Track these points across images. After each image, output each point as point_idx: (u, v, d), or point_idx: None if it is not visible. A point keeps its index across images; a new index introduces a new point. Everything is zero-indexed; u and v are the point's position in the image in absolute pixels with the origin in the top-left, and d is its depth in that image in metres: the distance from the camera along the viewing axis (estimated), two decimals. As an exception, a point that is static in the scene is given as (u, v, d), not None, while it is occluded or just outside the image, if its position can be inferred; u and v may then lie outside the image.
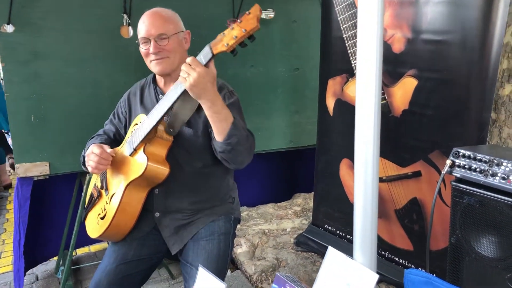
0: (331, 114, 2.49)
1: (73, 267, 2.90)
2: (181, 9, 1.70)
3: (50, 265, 3.00)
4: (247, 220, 3.01)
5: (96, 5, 2.39)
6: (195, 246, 1.63)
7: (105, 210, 1.64)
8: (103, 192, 1.71)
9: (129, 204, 1.59)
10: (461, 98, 1.84)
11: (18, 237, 2.41)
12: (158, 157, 1.54)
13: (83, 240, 2.74)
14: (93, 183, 1.83)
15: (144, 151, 1.53)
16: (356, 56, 1.36)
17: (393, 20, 2.04)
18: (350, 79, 2.33)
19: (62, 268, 2.68)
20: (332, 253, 1.22)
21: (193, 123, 1.60)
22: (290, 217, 3.07)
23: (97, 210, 1.70)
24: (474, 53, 1.77)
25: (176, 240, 1.66)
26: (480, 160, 1.45)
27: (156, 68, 1.60)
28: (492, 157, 1.43)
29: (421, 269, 2.00)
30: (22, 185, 2.38)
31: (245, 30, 1.27)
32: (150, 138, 1.55)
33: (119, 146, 1.71)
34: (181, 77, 1.38)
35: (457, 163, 1.52)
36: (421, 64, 1.96)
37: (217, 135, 1.46)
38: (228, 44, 1.30)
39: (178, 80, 1.42)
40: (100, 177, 1.75)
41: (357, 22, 1.34)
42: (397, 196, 2.16)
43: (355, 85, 1.37)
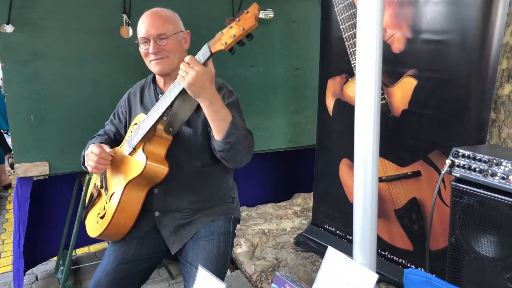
0: (331, 114, 2.49)
1: (73, 267, 2.90)
2: (181, 9, 1.70)
3: (50, 265, 3.00)
4: (247, 220, 3.01)
5: (96, 5, 2.39)
6: (195, 246, 1.63)
7: (105, 210, 1.64)
8: (103, 192, 1.71)
9: (129, 203, 1.59)
10: (461, 98, 1.84)
11: (18, 237, 2.41)
12: (157, 156, 1.54)
13: (83, 240, 2.74)
14: (93, 183, 1.83)
15: (143, 150, 1.53)
16: (356, 56, 1.36)
17: (393, 20, 2.04)
18: (350, 79, 2.33)
19: (62, 268, 2.68)
20: (332, 253, 1.22)
21: (193, 123, 1.60)
22: (290, 217, 3.07)
23: (97, 210, 1.70)
24: (474, 53, 1.77)
25: (176, 240, 1.66)
26: (480, 160, 1.45)
27: (156, 68, 1.60)
28: (492, 157, 1.43)
29: (421, 269, 2.01)
30: (22, 185, 2.38)
31: (243, 29, 1.27)
32: (149, 137, 1.55)
33: (119, 146, 1.71)
34: (180, 76, 1.38)
35: (457, 163, 1.52)
36: (421, 64, 1.96)
37: (216, 134, 1.46)
38: (227, 43, 1.31)
39: (177, 79, 1.42)
40: (100, 177, 1.75)
41: (357, 22, 1.34)
42: (397, 196, 2.16)
43: (355, 85, 1.37)
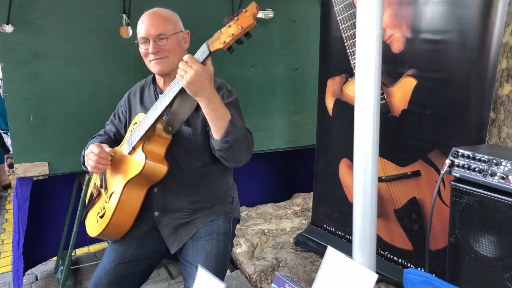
0: (331, 114, 2.49)
1: (73, 267, 2.90)
2: (181, 9, 1.70)
3: (50, 265, 3.00)
4: (247, 220, 3.01)
5: (96, 5, 2.39)
6: (195, 246, 1.63)
7: (104, 209, 1.64)
8: (103, 191, 1.71)
9: (128, 203, 1.59)
10: (460, 98, 1.84)
11: (17, 237, 2.41)
12: (157, 155, 1.54)
13: (83, 240, 2.74)
14: (93, 183, 1.83)
15: (143, 149, 1.53)
16: (355, 56, 1.36)
17: (392, 20, 2.04)
18: (349, 79, 2.33)
19: (62, 268, 2.68)
20: (332, 253, 1.22)
21: (192, 122, 1.60)
22: (290, 217, 3.07)
23: (97, 209, 1.71)
24: (473, 53, 1.77)
25: (175, 239, 1.66)
26: (479, 160, 1.46)
27: (155, 68, 1.61)
28: (491, 157, 1.43)
29: (421, 269, 2.01)
30: (21, 185, 2.38)
31: (242, 28, 1.28)
32: (149, 137, 1.55)
33: (119, 145, 1.71)
34: (178, 75, 1.39)
35: (456, 163, 1.52)
36: (420, 64, 1.96)
37: (215, 133, 1.46)
38: (225, 42, 1.32)
39: (176, 78, 1.42)
40: (100, 176, 1.75)
41: (356, 22, 1.34)
42: (397, 196, 2.16)
43: (354, 85, 1.37)
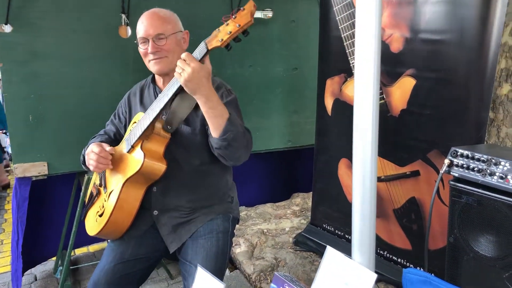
0: (330, 114, 2.49)
1: (72, 267, 2.90)
2: (180, 9, 1.70)
3: (49, 265, 2.99)
4: (246, 220, 3.01)
5: (94, 5, 2.39)
6: (194, 245, 1.63)
7: (103, 208, 1.64)
8: (102, 190, 1.71)
9: (127, 201, 1.59)
10: (460, 98, 1.84)
11: (16, 238, 2.41)
12: (155, 154, 1.55)
13: (82, 240, 2.74)
14: (93, 182, 1.83)
15: (142, 148, 1.54)
16: (355, 56, 1.36)
17: (391, 20, 2.04)
18: (349, 79, 2.33)
19: (61, 268, 2.67)
20: (331, 253, 1.22)
21: (191, 121, 1.61)
22: (289, 217, 3.07)
23: (96, 208, 1.71)
24: (472, 53, 1.78)
25: (174, 238, 1.66)
26: (478, 160, 1.46)
27: (155, 68, 1.61)
28: (490, 157, 1.43)
29: (420, 269, 2.01)
30: (21, 185, 2.38)
31: (240, 25, 1.29)
32: (148, 135, 1.55)
33: (119, 145, 1.71)
34: (176, 73, 1.39)
35: (455, 163, 1.52)
36: (420, 64, 1.96)
37: (213, 131, 1.47)
38: (223, 40, 1.33)
39: (174, 77, 1.43)
40: (99, 175, 1.76)
41: (355, 22, 1.34)
42: (396, 196, 2.16)
43: (354, 85, 1.37)
